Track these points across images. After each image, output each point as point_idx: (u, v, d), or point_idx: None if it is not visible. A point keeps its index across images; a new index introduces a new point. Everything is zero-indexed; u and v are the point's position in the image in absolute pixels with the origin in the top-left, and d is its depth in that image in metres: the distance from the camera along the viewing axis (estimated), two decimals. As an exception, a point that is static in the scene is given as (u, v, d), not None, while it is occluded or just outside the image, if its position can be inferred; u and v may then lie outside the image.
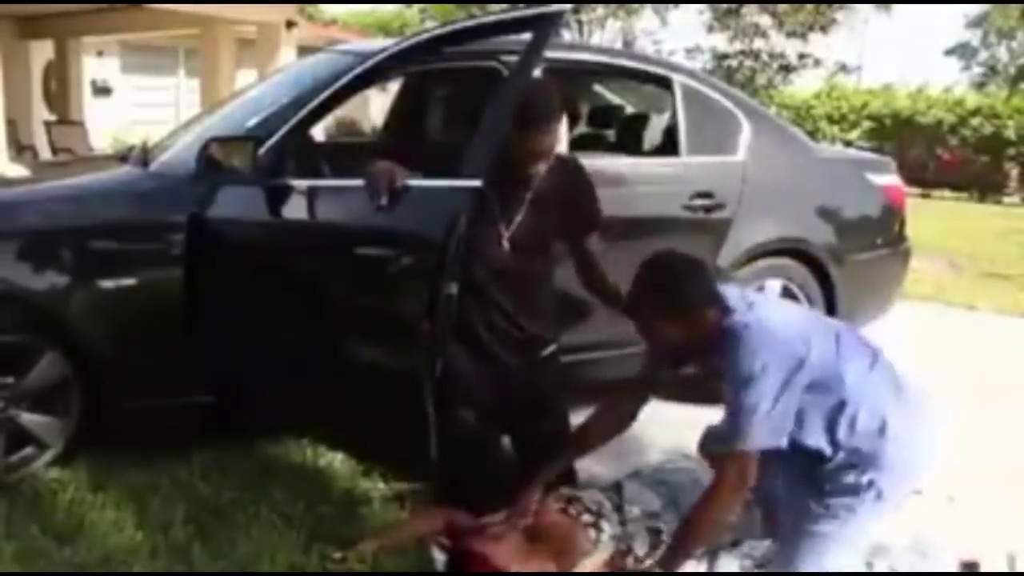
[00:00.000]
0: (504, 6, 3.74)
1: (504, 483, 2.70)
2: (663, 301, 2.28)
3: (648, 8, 22.27)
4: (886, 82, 20.76)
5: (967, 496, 3.15)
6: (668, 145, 3.93)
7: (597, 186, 2.97)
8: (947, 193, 17.33)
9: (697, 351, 2.38)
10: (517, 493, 2.61)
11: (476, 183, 2.69)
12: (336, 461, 3.10)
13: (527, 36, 2.97)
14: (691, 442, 2.82)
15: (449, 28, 3.18)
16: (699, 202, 3.78)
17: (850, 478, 2.31)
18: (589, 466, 3.04)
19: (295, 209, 2.98)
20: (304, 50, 9.45)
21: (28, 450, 2.95)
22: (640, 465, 2.85)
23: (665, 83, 3.93)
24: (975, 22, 28.07)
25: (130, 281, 2.92)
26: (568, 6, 2.97)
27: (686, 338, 2.30)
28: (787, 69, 22.20)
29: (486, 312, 2.78)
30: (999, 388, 4.47)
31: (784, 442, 2.28)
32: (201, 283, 2.90)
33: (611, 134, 4.45)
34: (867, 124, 18.87)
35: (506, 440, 3.02)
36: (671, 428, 3.16)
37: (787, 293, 4.05)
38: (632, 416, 2.65)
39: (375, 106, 4.88)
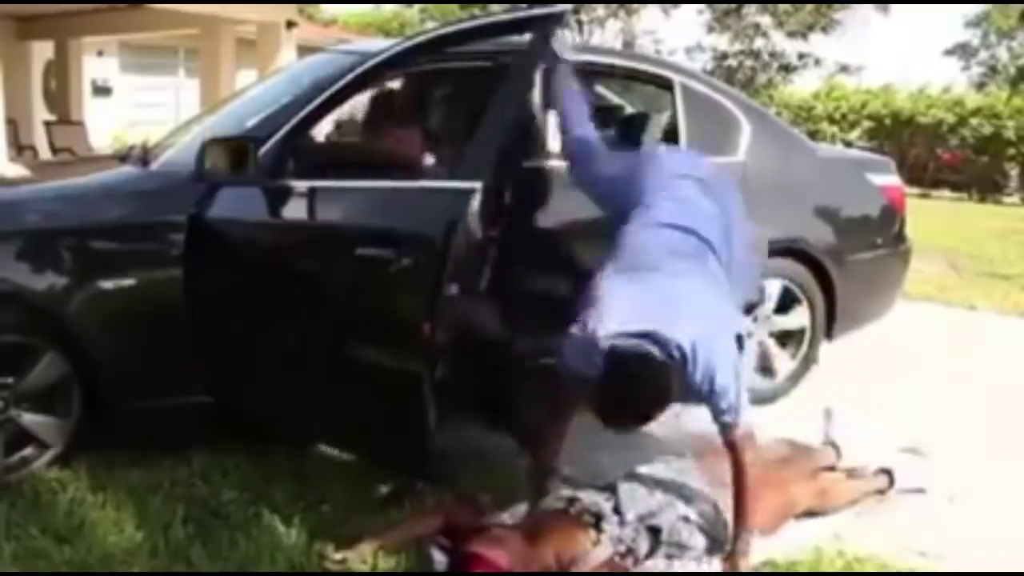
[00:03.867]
0: (505, 6, 3.73)
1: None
2: None
3: (649, 8, 22.27)
4: (886, 82, 20.76)
5: (967, 496, 3.15)
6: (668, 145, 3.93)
7: None
8: (947, 193, 17.35)
9: None
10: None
11: (476, 184, 2.69)
12: (336, 461, 3.10)
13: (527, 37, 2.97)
14: (686, 442, 2.83)
15: (449, 29, 3.19)
16: (699, 202, 3.77)
17: None
18: (587, 467, 3.05)
19: (295, 209, 2.98)
20: (304, 50, 9.46)
21: (28, 450, 2.95)
22: (635, 466, 2.84)
23: (665, 84, 3.93)
24: (975, 22, 28.05)
25: (130, 281, 2.93)
26: (568, 7, 2.97)
27: None
28: (787, 69, 22.21)
29: None
30: (1000, 388, 4.47)
31: None
32: (201, 283, 2.90)
33: (611, 134, 4.44)
34: (867, 124, 18.88)
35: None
36: (665, 429, 3.15)
37: (787, 293, 4.05)
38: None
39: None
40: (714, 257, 2.72)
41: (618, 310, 2.49)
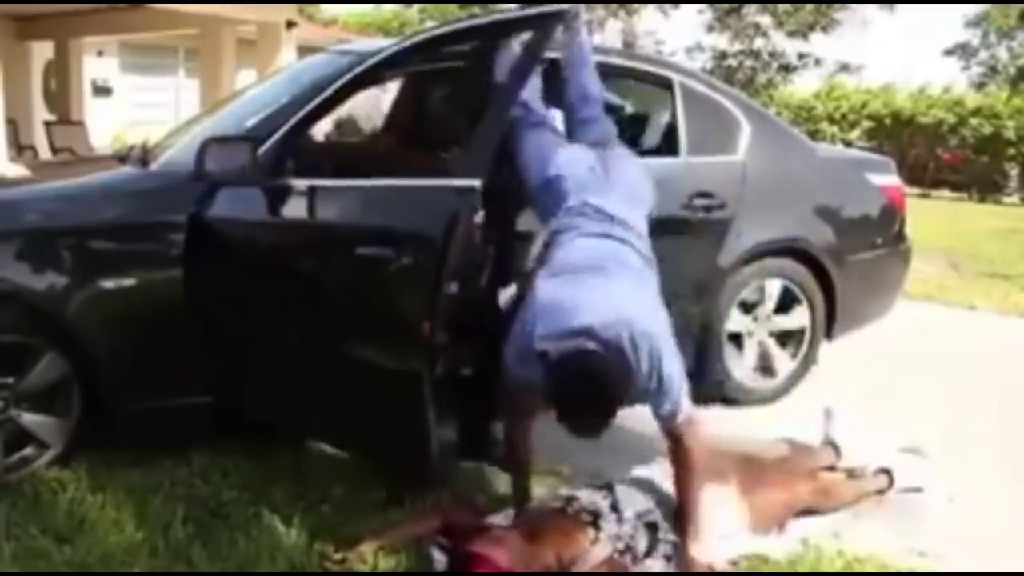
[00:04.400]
0: (505, 6, 3.72)
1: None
2: None
3: (649, 8, 22.28)
4: (886, 82, 20.76)
5: (967, 496, 3.15)
6: (668, 145, 3.93)
7: None
8: (947, 193, 17.37)
9: None
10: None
11: (475, 182, 2.69)
12: (336, 461, 3.10)
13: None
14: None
15: (449, 28, 3.18)
16: (699, 202, 3.77)
17: None
18: (586, 467, 3.05)
19: (295, 209, 2.97)
20: (304, 50, 9.46)
21: (28, 450, 2.95)
22: (633, 466, 2.85)
23: (665, 83, 3.93)
24: (975, 22, 28.03)
25: (130, 281, 2.93)
26: (568, 7, 2.97)
27: None
28: (787, 69, 22.21)
29: None
30: (999, 388, 4.47)
31: None
32: (201, 283, 2.90)
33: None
34: (867, 124, 18.88)
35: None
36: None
37: (787, 293, 4.05)
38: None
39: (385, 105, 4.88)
40: (637, 256, 2.72)
41: (554, 311, 2.46)
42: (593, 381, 2.32)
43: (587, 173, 2.89)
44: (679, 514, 2.55)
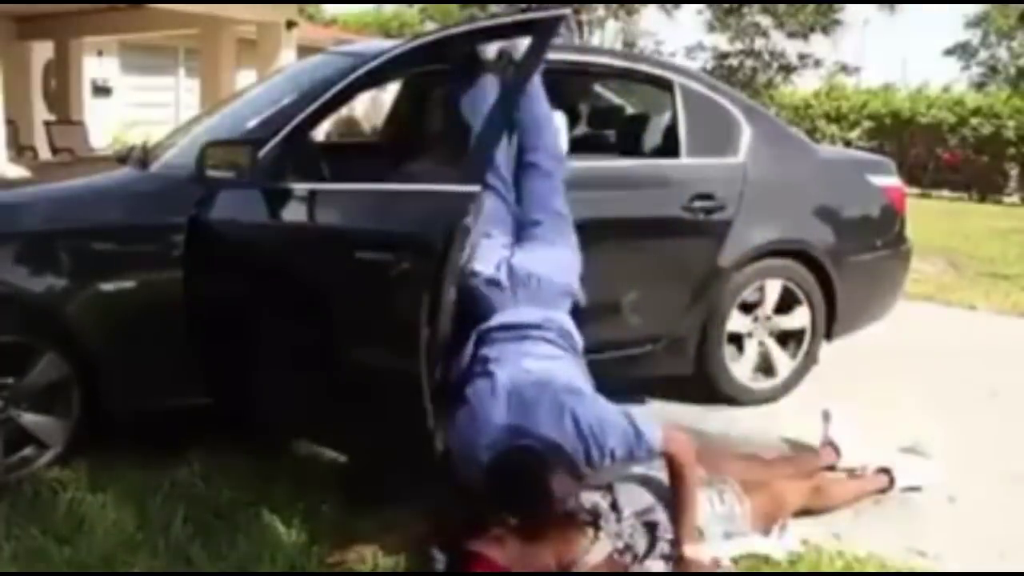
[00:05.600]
0: (506, 7, 3.74)
1: None
2: None
3: (649, 8, 22.29)
4: (886, 82, 20.76)
5: (967, 496, 3.15)
6: (668, 146, 3.93)
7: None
8: (947, 193, 17.35)
9: None
10: None
11: (475, 188, 2.69)
12: (336, 462, 3.10)
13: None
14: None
15: (450, 31, 3.18)
16: (699, 204, 3.77)
17: None
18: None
19: (296, 212, 2.97)
20: (304, 50, 9.46)
21: (28, 450, 2.95)
22: (632, 466, 2.84)
23: (665, 84, 3.93)
24: (975, 22, 28.06)
25: (129, 283, 2.93)
26: (568, 10, 2.97)
27: None
28: (787, 69, 22.22)
29: None
30: (999, 388, 4.47)
31: None
32: (200, 285, 2.89)
33: (611, 135, 4.45)
34: (867, 124, 18.87)
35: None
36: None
37: (787, 293, 4.05)
38: None
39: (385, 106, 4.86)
40: (559, 349, 2.75)
41: (484, 421, 2.50)
42: (518, 475, 2.35)
43: (494, 291, 2.84)
44: (675, 515, 2.56)
